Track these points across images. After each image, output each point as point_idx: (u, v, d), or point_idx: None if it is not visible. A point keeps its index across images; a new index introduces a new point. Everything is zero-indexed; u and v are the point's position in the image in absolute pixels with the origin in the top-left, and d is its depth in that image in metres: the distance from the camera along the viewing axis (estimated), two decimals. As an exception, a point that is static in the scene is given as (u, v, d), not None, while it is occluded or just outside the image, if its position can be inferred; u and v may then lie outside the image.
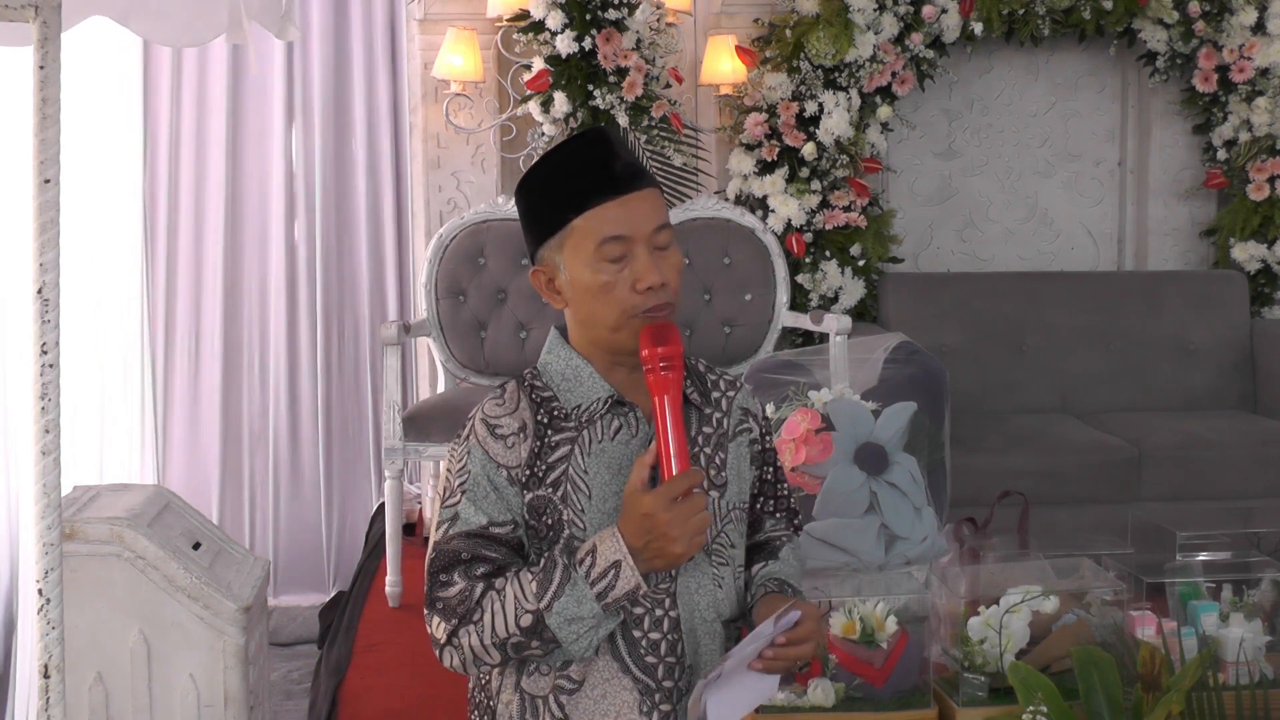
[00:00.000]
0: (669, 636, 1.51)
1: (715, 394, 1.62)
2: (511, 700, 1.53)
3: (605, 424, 1.53)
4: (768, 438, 1.67)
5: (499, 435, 1.51)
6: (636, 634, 1.50)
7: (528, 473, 1.50)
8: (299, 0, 4.21)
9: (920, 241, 4.74)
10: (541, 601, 1.42)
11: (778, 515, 1.69)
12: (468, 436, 1.52)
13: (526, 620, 1.43)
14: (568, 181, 1.50)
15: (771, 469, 1.68)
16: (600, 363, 1.54)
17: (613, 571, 1.42)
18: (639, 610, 1.49)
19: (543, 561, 1.46)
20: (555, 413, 1.53)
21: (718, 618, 1.56)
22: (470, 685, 1.62)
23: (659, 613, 1.51)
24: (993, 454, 3.74)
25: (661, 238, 1.51)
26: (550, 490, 1.50)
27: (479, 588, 1.45)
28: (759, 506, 1.68)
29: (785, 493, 1.70)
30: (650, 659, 1.50)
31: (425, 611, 1.50)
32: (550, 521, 1.50)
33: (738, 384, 1.66)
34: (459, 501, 1.50)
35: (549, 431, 1.51)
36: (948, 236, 4.78)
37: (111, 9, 2.01)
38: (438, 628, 1.48)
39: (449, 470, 1.53)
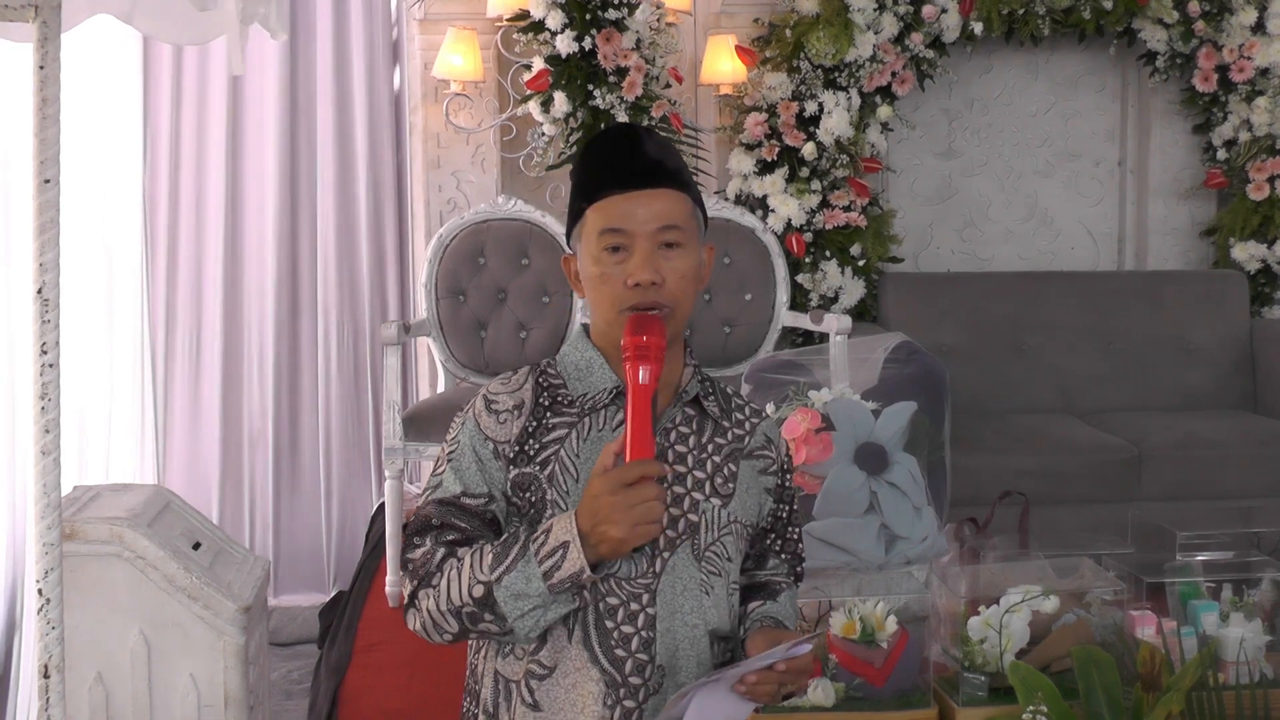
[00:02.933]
0: (642, 633, 1.50)
1: (738, 415, 1.63)
2: (490, 684, 1.55)
3: (608, 415, 1.54)
4: (788, 476, 1.67)
5: (494, 410, 1.54)
6: (609, 624, 1.50)
7: (517, 449, 1.51)
8: (300, 0, 4.22)
9: (920, 241, 4.74)
10: (494, 573, 1.42)
11: (783, 557, 1.69)
12: (467, 411, 1.57)
13: (479, 591, 1.43)
14: (589, 173, 1.55)
15: (788, 509, 1.68)
16: (611, 357, 1.56)
17: (560, 552, 1.41)
18: (614, 601, 1.49)
19: (507, 535, 1.47)
20: (560, 398, 1.55)
21: (702, 624, 1.53)
22: (467, 674, 1.63)
23: (634, 607, 1.50)
24: (993, 454, 3.74)
25: (668, 237, 1.51)
26: (538, 468, 1.51)
27: (440, 552, 1.47)
28: (768, 542, 1.68)
29: (795, 537, 1.69)
30: (620, 652, 1.49)
31: (400, 574, 1.53)
32: (533, 499, 1.51)
33: (762, 415, 1.67)
34: (444, 471, 1.53)
35: (548, 414, 1.53)
36: (948, 236, 4.78)
37: (116, 7, 2.01)
38: (405, 588, 1.50)
39: (445, 442, 1.57)
